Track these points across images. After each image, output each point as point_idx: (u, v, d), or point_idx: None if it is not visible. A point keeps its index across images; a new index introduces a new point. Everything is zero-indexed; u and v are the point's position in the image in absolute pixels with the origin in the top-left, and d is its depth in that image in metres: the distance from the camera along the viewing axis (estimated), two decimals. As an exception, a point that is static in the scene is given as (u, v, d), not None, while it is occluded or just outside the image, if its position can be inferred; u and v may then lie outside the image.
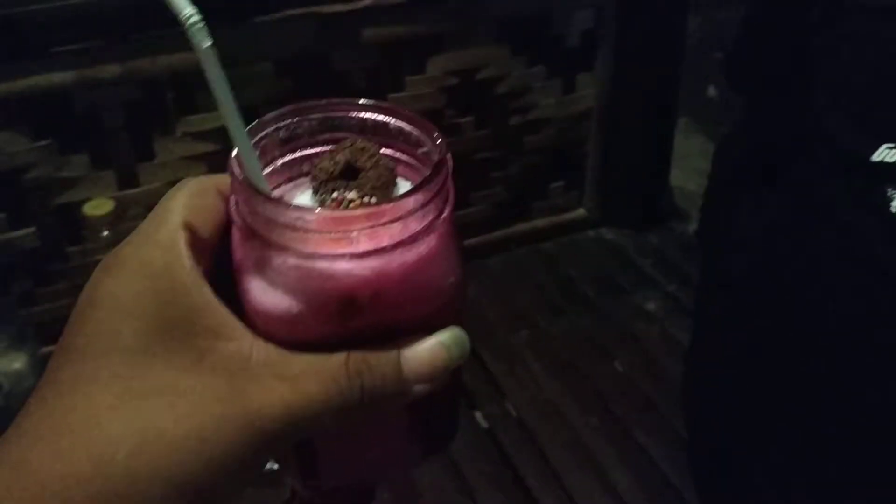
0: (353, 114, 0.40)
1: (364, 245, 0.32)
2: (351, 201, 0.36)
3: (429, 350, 0.34)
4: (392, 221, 0.32)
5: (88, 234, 1.26)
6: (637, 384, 1.39)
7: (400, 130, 0.39)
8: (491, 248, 1.65)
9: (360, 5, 1.34)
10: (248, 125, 0.35)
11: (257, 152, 0.36)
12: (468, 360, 0.35)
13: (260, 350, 0.32)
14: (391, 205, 0.32)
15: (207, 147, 1.32)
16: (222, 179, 0.36)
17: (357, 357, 0.33)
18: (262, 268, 0.33)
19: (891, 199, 0.75)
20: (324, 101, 0.40)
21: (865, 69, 0.80)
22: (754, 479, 1.00)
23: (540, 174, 1.68)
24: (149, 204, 1.32)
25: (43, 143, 1.24)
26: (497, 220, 1.67)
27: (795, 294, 0.91)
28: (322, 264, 0.32)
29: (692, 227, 1.74)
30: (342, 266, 0.32)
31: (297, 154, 0.38)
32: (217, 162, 1.32)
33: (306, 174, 0.38)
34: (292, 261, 0.32)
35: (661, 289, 1.59)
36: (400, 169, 0.38)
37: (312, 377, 0.32)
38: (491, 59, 1.49)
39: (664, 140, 1.73)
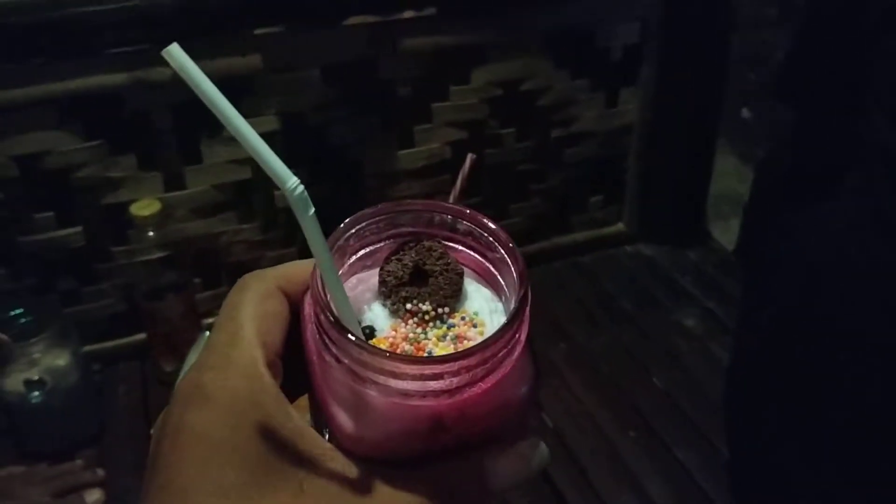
0: (424, 214, 0.39)
1: (455, 382, 0.33)
2: (426, 313, 0.37)
3: (512, 467, 0.35)
4: (483, 363, 0.33)
5: (134, 233, 1.28)
6: (675, 399, 1.38)
7: (469, 231, 0.39)
8: (529, 261, 1.63)
9: (407, 16, 1.35)
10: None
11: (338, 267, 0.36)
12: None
13: (351, 470, 0.33)
14: (484, 351, 0.33)
15: (253, 151, 1.33)
16: (283, 277, 0.37)
17: (446, 478, 0.34)
18: (348, 398, 0.34)
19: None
20: (400, 205, 0.39)
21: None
22: (798, 496, 0.98)
23: (580, 188, 1.67)
24: (193, 207, 1.35)
25: (93, 143, 1.26)
26: (536, 232, 1.67)
27: (846, 310, 0.90)
28: (414, 401, 0.33)
29: (729, 243, 1.73)
30: (432, 401, 0.33)
31: (363, 251, 0.39)
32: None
33: (370, 267, 0.39)
34: (383, 398, 0.33)
35: (699, 305, 1.58)
36: (465, 263, 0.39)
37: (407, 499, 0.33)
38: (535, 72, 1.50)
39: (705, 156, 1.72)
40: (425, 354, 0.35)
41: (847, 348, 0.90)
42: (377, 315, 0.38)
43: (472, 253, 0.39)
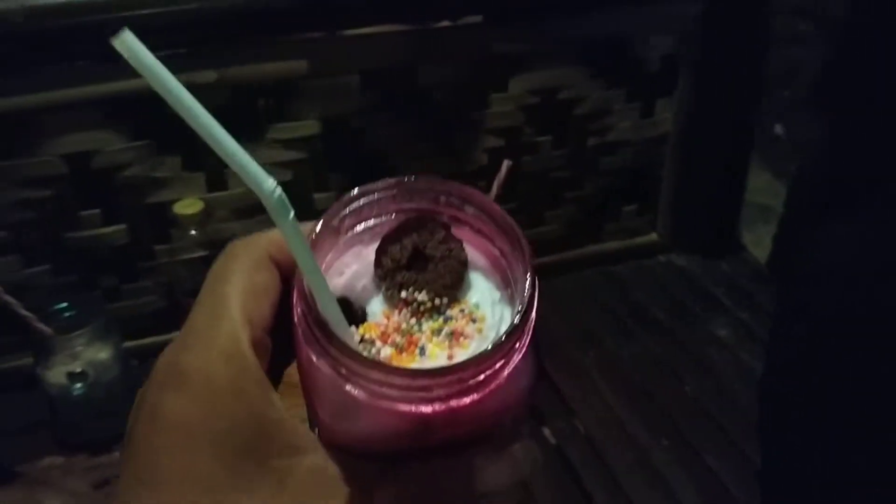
0: (431, 188, 0.37)
1: (445, 394, 0.31)
2: (421, 304, 0.35)
3: (502, 471, 0.34)
4: (477, 375, 0.31)
5: (177, 232, 1.30)
6: (707, 408, 1.38)
7: (478, 215, 0.36)
8: (561, 269, 1.66)
9: (448, 24, 1.37)
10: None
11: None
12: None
13: (334, 464, 0.32)
14: (479, 365, 0.31)
15: (294, 155, 1.35)
16: (275, 244, 0.34)
17: (433, 476, 0.33)
18: (332, 393, 0.32)
19: None
20: (404, 180, 0.37)
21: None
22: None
23: (614, 196, 1.68)
24: (234, 207, 1.37)
25: (140, 143, 1.29)
26: (568, 240, 1.68)
27: (883, 321, 0.90)
28: (401, 406, 0.31)
29: (761, 257, 1.73)
30: (421, 407, 0.31)
31: (362, 226, 0.36)
32: (303, 169, 1.36)
33: (368, 242, 0.37)
34: (368, 398, 0.31)
35: (732, 315, 1.58)
36: (472, 248, 0.36)
37: (390, 497, 0.32)
38: (572, 81, 1.51)
39: (739, 168, 1.72)
40: (418, 349, 0.34)
41: (885, 360, 0.90)
42: (371, 296, 0.36)
43: (479, 238, 0.37)
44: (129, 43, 0.28)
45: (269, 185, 0.29)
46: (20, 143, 1.23)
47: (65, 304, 1.27)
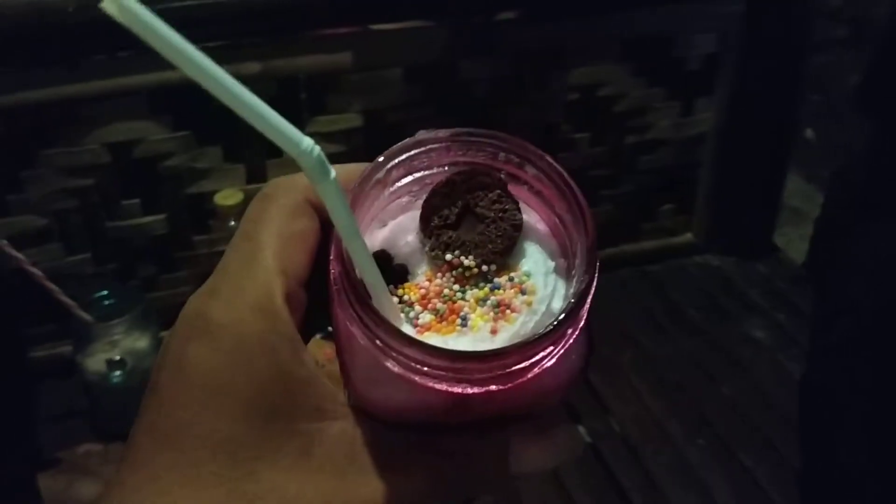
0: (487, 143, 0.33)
1: (487, 375, 0.29)
2: (467, 269, 0.32)
3: (540, 455, 0.32)
4: (521, 362, 0.29)
5: (216, 223, 1.31)
6: (744, 409, 1.37)
7: (539, 177, 0.33)
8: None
9: (490, 18, 1.37)
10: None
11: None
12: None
13: (365, 432, 0.30)
14: (525, 351, 0.28)
15: (335, 148, 1.35)
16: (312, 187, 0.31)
17: (465, 453, 0.31)
18: (366, 360, 0.30)
19: None
20: (460, 132, 0.33)
21: None
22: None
23: (651, 195, 1.67)
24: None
25: (182, 133, 1.30)
26: (604, 238, 1.66)
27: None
28: (437, 384, 0.29)
29: (798, 259, 1.72)
30: (458, 387, 0.29)
31: (411, 177, 0.33)
32: (342, 163, 1.35)
33: (417, 193, 0.33)
34: (404, 371, 0.29)
35: (769, 318, 1.57)
36: (526, 202, 0.33)
37: (421, 470, 0.30)
38: (612, 78, 1.50)
39: (777, 170, 1.71)
40: (459, 318, 0.31)
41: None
42: (414, 253, 0.33)
43: (538, 200, 0.33)
44: (122, 2, 0.23)
45: (306, 143, 0.27)
46: (64, 131, 1.24)
47: (105, 293, 1.28)
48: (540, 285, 0.32)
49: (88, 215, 1.30)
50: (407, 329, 0.31)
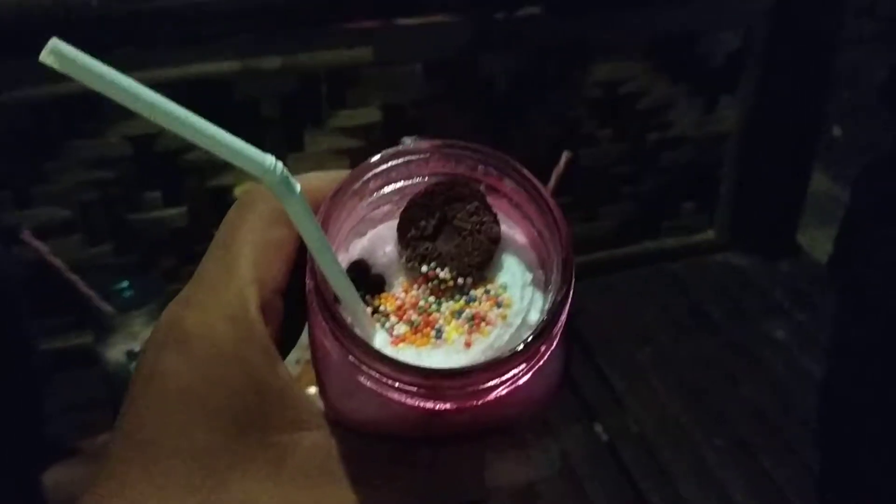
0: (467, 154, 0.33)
1: (457, 392, 0.29)
2: (443, 281, 0.31)
3: (516, 468, 0.32)
4: (492, 380, 0.28)
5: (237, 216, 1.31)
6: (763, 410, 1.36)
7: (517, 189, 0.32)
8: (617, 265, 1.64)
9: (511, 14, 1.36)
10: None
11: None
12: (589, 374, 0.31)
13: (339, 443, 0.29)
14: (494, 369, 0.28)
15: (353, 143, 1.36)
16: None
17: (441, 464, 0.30)
18: (341, 373, 0.29)
19: None
20: (439, 144, 0.33)
21: None
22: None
23: (672, 193, 1.66)
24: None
25: (203, 126, 1.30)
26: (625, 236, 1.67)
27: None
28: (409, 400, 0.28)
29: (821, 259, 1.70)
30: (430, 403, 0.28)
31: (391, 187, 0.33)
32: (361, 158, 1.35)
33: (397, 202, 0.33)
34: (377, 388, 0.28)
35: (790, 318, 1.56)
36: (505, 214, 0.32)
37: (394, 482, 0.30)
38: (634, 74, 1.49)
39: (801, 169, 1.69)
40: (434, 330, 0.30)
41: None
42: (392, 263, 0.32)
43: (517, 213, 0.33)
44: (61, 51, 0.23)
45: (269, 162, 0.26)
46: (87, 124, 1.25)
47: (125, 284, 1.28)
48: (516, 298, 0.31)
49: (110, 207, 1.31)
50: (382, 339, 0.30)
